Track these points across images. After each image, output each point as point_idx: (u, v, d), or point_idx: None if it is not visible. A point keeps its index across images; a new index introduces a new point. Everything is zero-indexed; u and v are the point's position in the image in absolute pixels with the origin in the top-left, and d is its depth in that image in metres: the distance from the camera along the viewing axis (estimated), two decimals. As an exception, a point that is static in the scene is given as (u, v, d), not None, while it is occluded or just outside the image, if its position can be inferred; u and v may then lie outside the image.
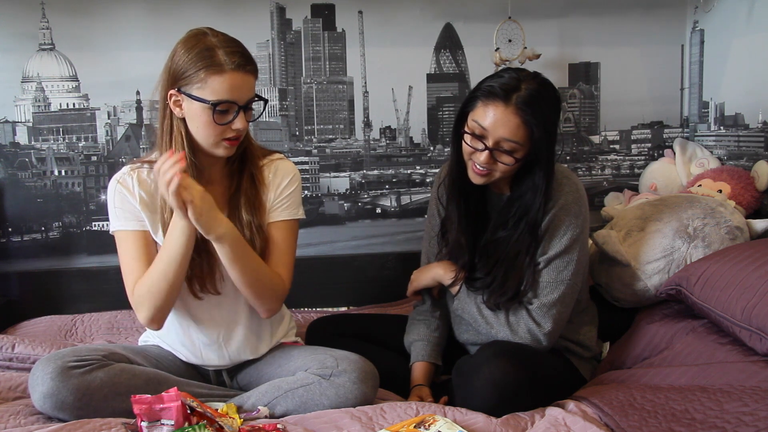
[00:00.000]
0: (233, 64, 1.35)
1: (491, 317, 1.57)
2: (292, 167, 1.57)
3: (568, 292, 1.55)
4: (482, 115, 1.46)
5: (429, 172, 2.58)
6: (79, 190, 2.37)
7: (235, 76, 1.36)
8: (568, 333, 1.64)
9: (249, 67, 1.38)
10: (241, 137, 1.44)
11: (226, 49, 1.36)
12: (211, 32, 1.40)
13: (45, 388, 1.33)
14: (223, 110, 1.37)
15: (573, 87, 2.60)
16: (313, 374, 1.44)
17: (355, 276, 2.43)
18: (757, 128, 2.27)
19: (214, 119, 1.37)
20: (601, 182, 2.65)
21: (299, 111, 2.50)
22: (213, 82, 1.35)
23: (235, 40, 1.41)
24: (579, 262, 1.55)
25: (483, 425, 1.32)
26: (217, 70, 1.35)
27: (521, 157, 1.48)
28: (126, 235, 1.46)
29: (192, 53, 1.36)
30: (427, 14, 2.47)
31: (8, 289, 2.30)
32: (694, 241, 1.82)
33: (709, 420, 1.23)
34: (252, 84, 1.40)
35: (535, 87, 1.45)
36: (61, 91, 2.34)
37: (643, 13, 2.57)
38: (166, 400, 1.23)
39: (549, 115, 1.47)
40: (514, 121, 1.43)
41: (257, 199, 1.50)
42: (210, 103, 1.36)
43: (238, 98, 1.37)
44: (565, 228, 1.53)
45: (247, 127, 1.42)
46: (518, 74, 1.47)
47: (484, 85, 1.49)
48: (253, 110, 1.45)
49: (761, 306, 1.44)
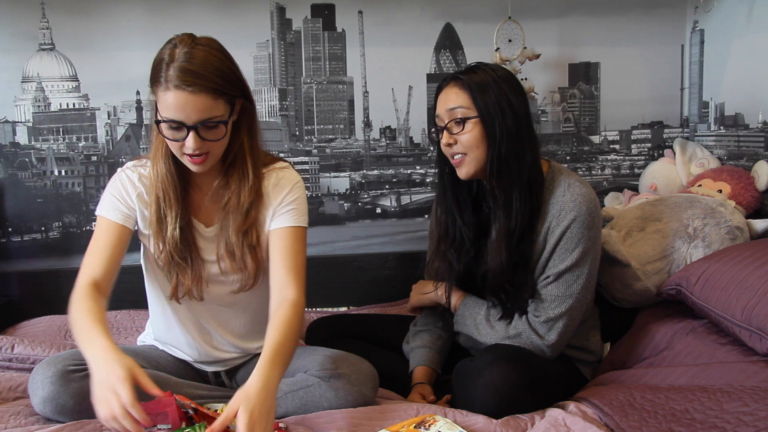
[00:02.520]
0: (176, 81, 1.26)
1: (492, 334, 1.56)
2: (295, 176, 1.50)
3: (576, 306, 1.52)
4: (437, 106, 1.55)
5: (429, 172, 2.57)
6: (79, 190, 2.37)
7: (178, 96, 1.27)
8: (576, 340, 1.61)
9: (195, 87, 1.27)
10: (208, 156, 1.35)
11: (179, 65, 1.27)
12: (181, 43, 1.31)
13: (45, 392, 1.32)
14: (174, 127, 1.31)
15: (573, 87, 2.60)
16: (312, 376, 1.44)
17: (355, 276, 2.43)
18: (757, 128, 2.26)
19: (164, 134, 1.33)
20: (601, 182, 2.65)
21: (299, 111, 2.49)
22: (161, 97, 1.30)
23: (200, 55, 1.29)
24: (589, 275, 1.52)
25: (483, 426, 1.32)
26: (164, 86, 1.28)
27: (474, 123, 1.47)
28: (104, 222, 1.43)
29: (155, 62, 1.32)
30: (427, 14, 2.47)
31: (8, 289, 2.30)
32: (694, 241, 1.82)
33: (709, 420, 1.23)
34: (203, 104, 1.28)
35: (477, 65, 1.53)
36: (61, 91, 2.34)
37: (643, 13, 2.56)
38: (161, 406, 1.23)
39: (492, 80, 1.48)
40: (454, 89, 1.51)
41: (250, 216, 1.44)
42: (156, 120, 1.32)
43: (185, 118, 1.28)
44: (577, 241, 1.49)
45: (201, 147, 1.32)
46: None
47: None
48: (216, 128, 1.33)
49: (761, 306, 1.44)
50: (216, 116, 1.31)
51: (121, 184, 1.45)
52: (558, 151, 2.62)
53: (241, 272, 1.46)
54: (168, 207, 1.42)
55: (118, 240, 1.42)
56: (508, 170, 1.48)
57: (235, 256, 1.44)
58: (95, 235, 1.43)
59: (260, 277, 1.48)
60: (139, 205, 1.45)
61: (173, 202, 1.42)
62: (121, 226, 1.43)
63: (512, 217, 1.49)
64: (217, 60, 1.32)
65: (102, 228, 1.43)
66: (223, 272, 1.47)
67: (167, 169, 1.40)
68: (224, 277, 1.48)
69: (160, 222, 1.43)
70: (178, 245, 1.42)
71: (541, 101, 2.59)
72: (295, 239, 1.45)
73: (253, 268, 1.45)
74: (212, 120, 1.31)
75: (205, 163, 1.36)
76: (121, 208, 1.44)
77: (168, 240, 1.42)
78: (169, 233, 1.42)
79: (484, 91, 1.47)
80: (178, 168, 1.42)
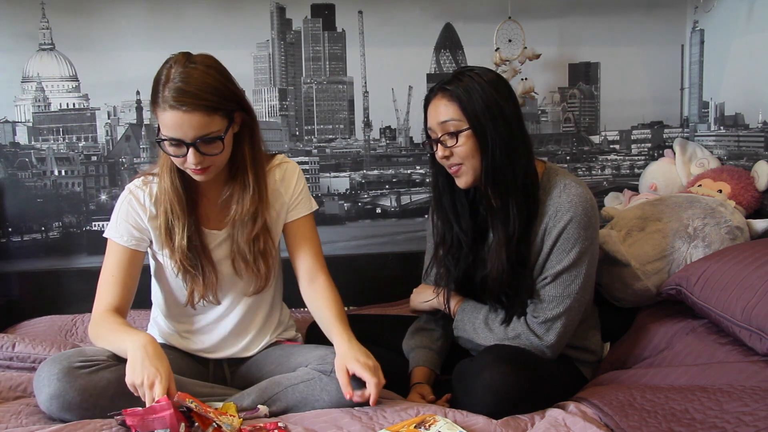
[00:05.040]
0: (171, 101, 1.32)
1: (491, 338, 1.56)
2: (294, 165, 1.61)
3: (574, 306, 1.52)
4: (427, 119, 1.54)
5: (429, 172, 2.56)
6: (79, 190, 2.37)
7: (174, 115, 1.33)
8: (575, 340, 1.61)
9: (187, 106, 1.32)
10: (210, 168, 1.41)
11: (172, 85, 1.33)
12: (176, 63, 1.36)
13: (51, 389, 1.33)
14: (174, 144, 1.37)
15: (573, 87, 2.60)
16: (313, 370, 1.46)
17: (355, 276, 2.42)
18: (757, 128, 2.27)
19: (166, 150, 1.39)
20: (601, 182, 2.65)
21: (299, 111, 2.50)
22: (159, 116, 1.36)
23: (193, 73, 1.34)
24: (587, 275, 1.52)
25: (483, 426, 1.32)
26: (160, 107, 1.35)
27: (467, 135, 1.46)
28: (115, 247, 1.50)
29: (154, 82, 1.38)
30: (427, 14, 2.47)
31: (8, 289, 2.30)
32: (694, 241, 1.82)
33: (709, 420, 1.23)
34: (198, 122, 1.34)
35: (462, 71, 1.51)
36: (61, 91, 2.34)
37: (643, 13, 2.57)
38: (158, 410, 1.24)
39: (479, 87, 1.46)
40: (443, 101, 1.50)
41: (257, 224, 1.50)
42: (156, 139, 1.39)
43: (182, 136, 1.35)
44: (574, 241, 1.49)
45: (202, 162, 1.38)
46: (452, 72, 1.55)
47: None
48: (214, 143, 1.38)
49: (761, 306, 1.44)
50: (213, 132, 1.37)
51: (131, 207, 1.50)
52: (558, 151, 2.62)
53: (256, 276, 1.54)
54: (175, 218, 1.48)
55: (131, 265, 1.49)
56: (503, 177, 1.48)
57: (248, 261, 1.51)
58: (108, 261, 1.49)
59: (272, 278, 1.57)
60: (150, 224, 1.50)
61: (180, 214, 1.48)
62: (131, 250, 1.49)
63: (510, 223, 1.50)
64: (211, 78, 1.37)
65: (114, 254, 1.50)
66: (238, 275, 1.54)
67: (172, 183, 1.47)
68: (238, 279, 1.55)
69: (169, 233, 1.49)
70: (187, 253, 1.48)
71: (541, 101, 2.59)
72: (312, 224, 1.61)
73: (265, 272, 1.53)
74: (209, 135, 1.36)
75: (208, 173, 1.42)
76: (133, 233, 1.50)
77: (177, 249, 1.48)
78: (177, 243, 1.48)
79: (473, 100, 1.46)
80: (184, 180, 1.48)
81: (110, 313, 1.45)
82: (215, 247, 1.54)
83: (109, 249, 1.51)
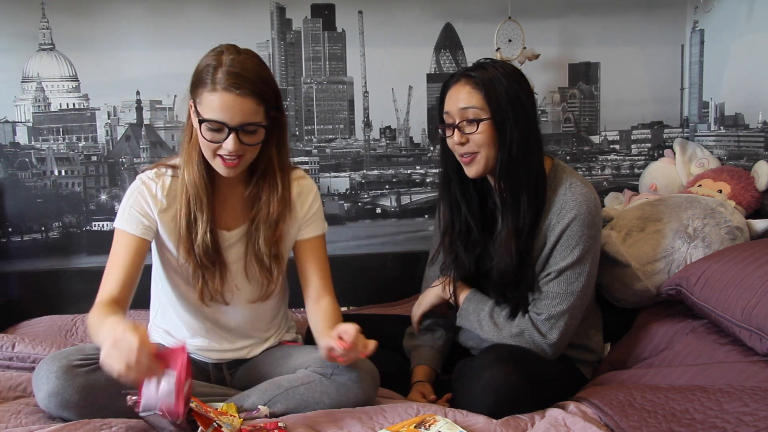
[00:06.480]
0: (225, 83, 1.34)
1: (495, 331, 1.56)
2: (312, 183, 1.60)
3: (577, 304, 1.52)
4: (445, 103, 1.53)
5: (429, 172, 2.58)
6: (79, 190, 2.37)
7: (225, 97, 1.34)
8: (577, 339, 1.61)
9: (242, 90, 1.34)
10: (240, 160, 1.41)
11: (228, 69, 1.35)
12: (227, 51, 1.39)
13: (50, 387, 1.33)
14: (215, 129, 1.37)
15: (573, 87, 2.60)
16: (314, 372, 1.45)
17: (355, 276, 2.42)
18: (757, 128, 2.27)
19: (204, 135, 1.38)
20: (601, 182, 2.65)
21: (299, 111, 2.50)
22: (206, 99, 1.36)
23: (247, 62, 1.38)
24: (590, 273, 1.53)
25: (483, 426, 1.32)
26: (210, 87, 1.35)
27: (487, 124, 1.47)
28: (123, 235, 1.47)
29: (201, 67, 1.39)
30: (427, 14, 2.47)
31: (8, 289, 2.30)
32: (694, 241, 1.82)
33: (709, 420, 1.23)
34: (248, 107, 1.36)
35: (487, 62, 1.52)
36: (61, 91, 2.34)
37: (643, 13, 2.57)
38: (173, 354, 1.19)
39: (503, 79, 1.48)
40: (466, 88, 1.50)
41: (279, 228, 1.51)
42: (199, 120, 1.38)
43: (228, 119, 1.35)
44: (578, 239, 1.50)
45: (238, 150, 1.38)
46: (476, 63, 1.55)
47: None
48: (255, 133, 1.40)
49: (761, 306, 1.44)
50: (256, 121, 1.38)
51: (142, 197, 1.48)
52: (558, 151, 2.62)
53: (267, 280, 1.53)
54: (199, 211, 1.46)
55: (137, 254, 1.46)
56: (517, 171, 1.49)
57: (264, 265, 1.51)
58: (114, 250, 1.47)
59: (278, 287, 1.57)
60: (160, 217, 1.48)
61: (205, 207, 1.46)
62: (139, 238, 1.46)
63: (520, 217, 1.50)
64: (264, 71, 1.42)
65: (121, 242, 1.47)
66: (248, 278, 1.53)
67: (200, 174, 1.45)
68: (246, 283, 1.55)
69: (190, 226, 1.47)
70: (210, 248, 1.47)
71: (541, 101, 2.59)
72: (323, 245, 1.59)
73: (277, 277, 1.53)
74: (253, 124, 1.38)
75: (237, 167, 1.42)
76: (142, 220, 1.47)
77: (198, 244, 1.46)
78: (199, 237, 1.46)
79: (497, 91, 1.47)
80: (209, 173, 1.47)
81: (107, 303, 1.39)
82: (226, 248, 1.52)
83: (116, 238, 1.48)
